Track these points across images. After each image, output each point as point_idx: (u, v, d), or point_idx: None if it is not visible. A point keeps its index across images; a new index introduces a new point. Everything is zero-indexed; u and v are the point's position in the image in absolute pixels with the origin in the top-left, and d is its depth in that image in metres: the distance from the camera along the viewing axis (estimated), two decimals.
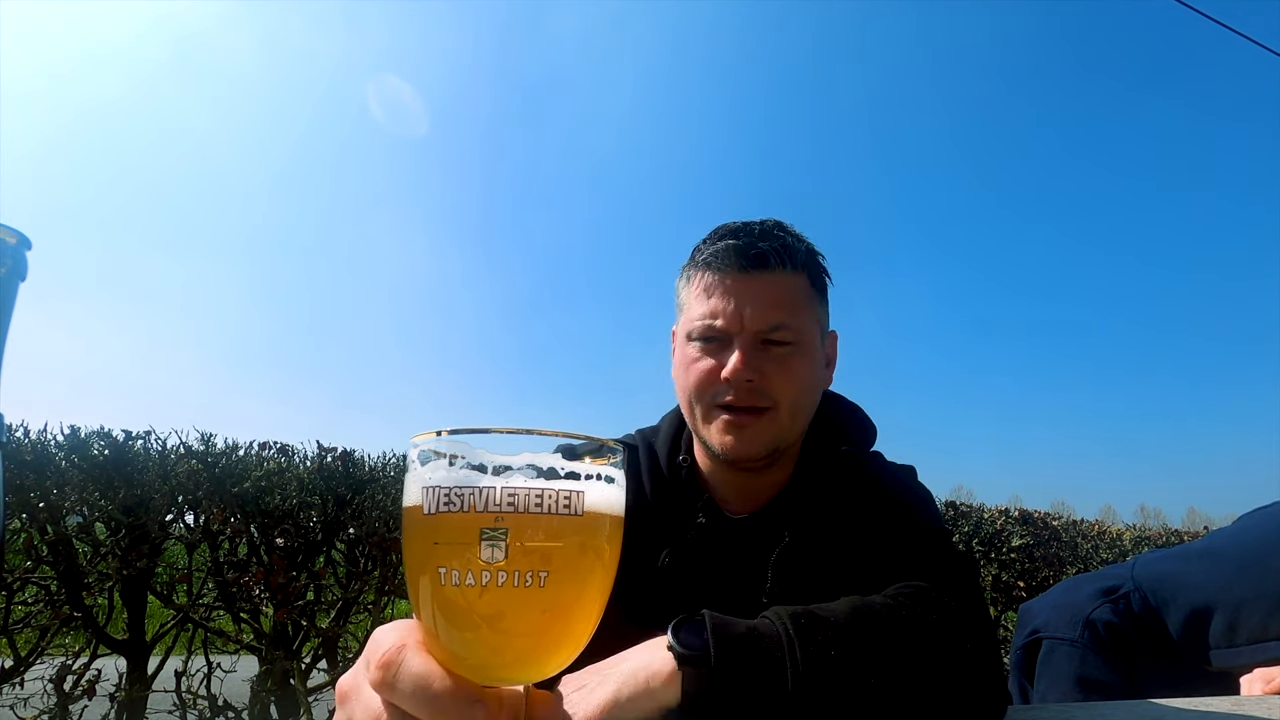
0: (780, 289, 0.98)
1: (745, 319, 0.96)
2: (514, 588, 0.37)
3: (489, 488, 0.37)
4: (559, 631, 0.40)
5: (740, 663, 0.66)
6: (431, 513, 0.38)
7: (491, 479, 0.37)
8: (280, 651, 2.95)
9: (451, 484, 0.37)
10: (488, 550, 0.37)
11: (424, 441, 0.40)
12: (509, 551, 0.37)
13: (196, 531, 3.07)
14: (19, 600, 2.82)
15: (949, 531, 1.01)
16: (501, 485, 0.37)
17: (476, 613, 0.38)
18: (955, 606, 0.79)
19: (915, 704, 0.69)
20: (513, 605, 0.37)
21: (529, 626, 0.38)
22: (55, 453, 2.88)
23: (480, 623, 0.38)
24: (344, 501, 3.21)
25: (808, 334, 0.99)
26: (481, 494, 0.37)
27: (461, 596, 0.37)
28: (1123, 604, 1.19)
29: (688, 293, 1.03)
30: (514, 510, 0.37)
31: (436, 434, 0.39)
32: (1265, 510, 1.22)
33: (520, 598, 0.37)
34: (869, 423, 1.11)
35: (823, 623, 0.71)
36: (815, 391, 1.02)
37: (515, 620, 0.38)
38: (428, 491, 0.38)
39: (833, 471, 1.01)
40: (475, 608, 0.37)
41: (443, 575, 0.37)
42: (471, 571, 0.37)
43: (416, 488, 0.39)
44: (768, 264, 0.97)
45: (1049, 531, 4.58)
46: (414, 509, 0.39)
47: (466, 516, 0.37)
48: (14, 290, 0.52)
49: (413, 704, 0.40)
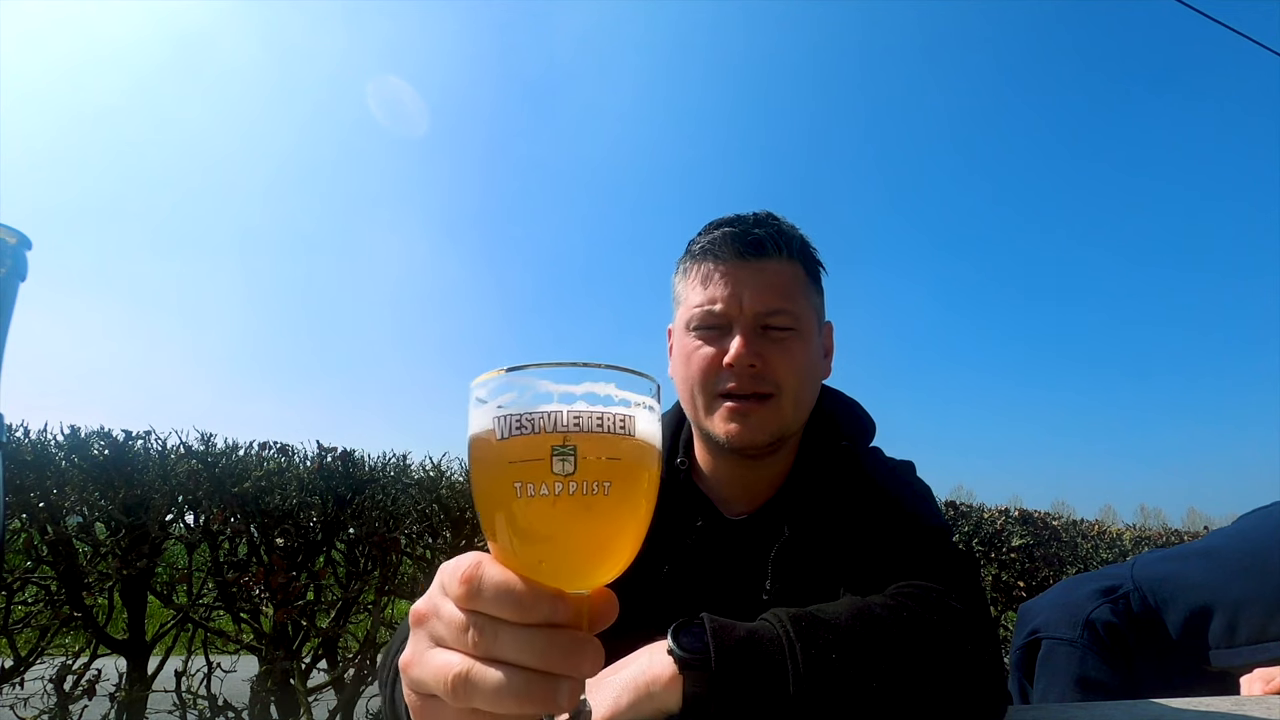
0: (777, 275, 0.98)
1: (744, 304, 0.96)
2: (582, 496, 0.42)
3: (556, 411, 0.42)
4: (617, 538, 0.45)
5: (741, 666, 0.66)
6: (504, 437, 0.43)
7: (558, 404, 0.43)
8: (280, 651, 2.95)
9: (522, 410, 0.42)
10: (559, 464, 0.42)
11: (490, 379, 0.44)
12: (577, 466, 0.42)
13: (196, 531, 3.07)
14: (19, 600, 2.82)
15: (949, 528, 1.00)
16: (567, 409, 0.42)
17: (551, 519, 0.43)
18: (956, 607, 0.79)
19: (916, 705, 0.69)
20: (581, 511, 0.43)
21: (594, 532, 0.44)
22: (55, 453, 2.88)
23: (554, 528, 0.43)
24: (344, 501, 3.21)
25: (806, 320, 0.99)
26: (550, 417, 0.42)
27: (537, 506, 0.42)
28: (1122, 604, 1.19)
29: (685, 285, 1.03)
30: (579, 430, 0.42)
31: (502, 371, 0.44)
32: (1265, 510, 1.22)
33: (587, 505, 0.43)
34: (867, 418, 1.11)
35: (824, 625, 0.71)
36: (815, 379, 1.02)
37: (583, 525, 0.43)
38: (500, 419, 0.43)
39: (831, 467, 1.01)
40: (550, 515, 0.42)
41: (518, 489, 0.42)
42: (545, 484, 0.42)
43: (486, 417, 0.44)
44: (764, 250, 0.97)
45: (1049, 531, 4.58)
46: (485, 436, 0.44)
47: (538, 437, 0.42)
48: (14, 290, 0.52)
49: (498, 606, 0.43)
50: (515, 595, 0.43)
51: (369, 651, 3.14)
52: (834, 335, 1.10)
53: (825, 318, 1.08)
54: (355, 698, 3.08)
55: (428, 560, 3.50)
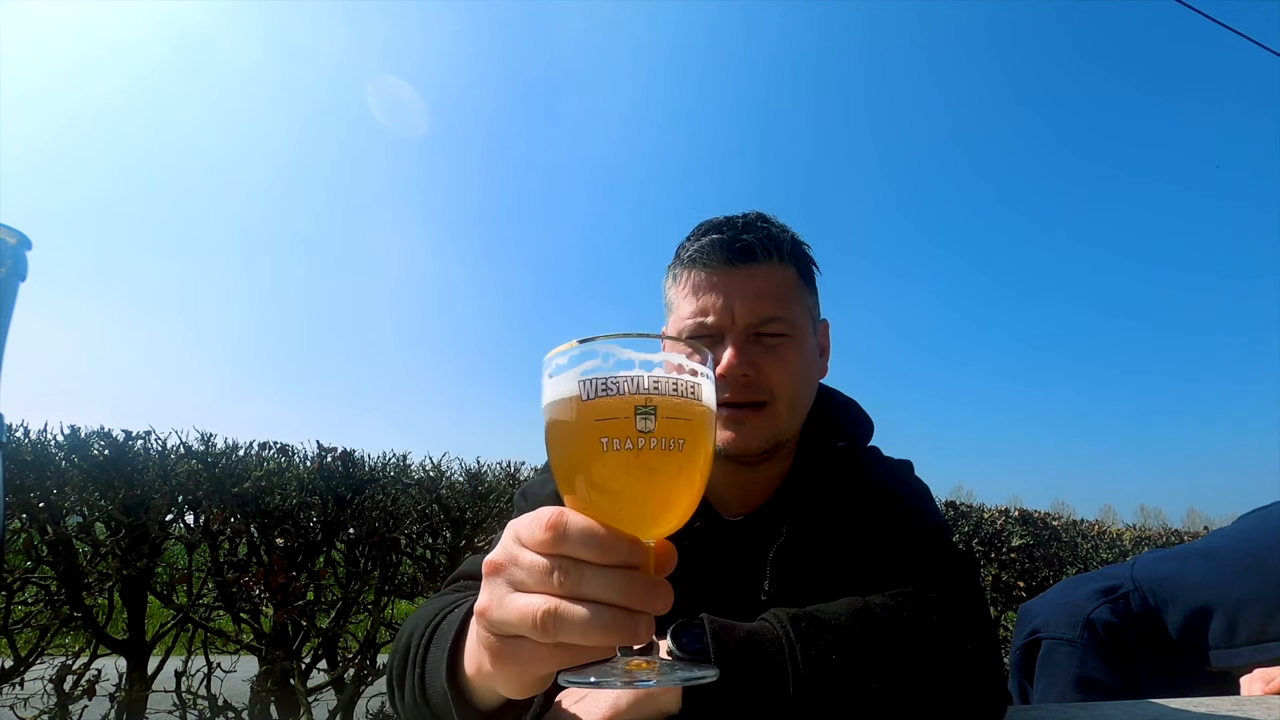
0: (769, 281, 0.96)
1: (736, 313, 0.94)
2: (662, 450, 0.48)
3: (639, 375, 0.49)
4: (684, 492, 0.52)
5: (741, 667, 0.66)
6: (590, 398, 0.49)
7: (640, 370, 0.49)
8: (280, 651, 2.94)
9: (607, 374, 0.49)
10: (641, 422, 0.48)
11: (570, 349, 0.51)
12: (657, 424, 0.48)
13: (196, 531, 3.06)
14: (19, 600, 2.82)
15: (948, 527, 1.00)
16: (648, 374, 0.49)
17: (631, 471, 0.49)
18: (956, 607, 0.79)
19: (916, 705, 0.69)
20: (660, 464, 0.49)
21: (666, 485, 0.50)
22: (55, 453, 2.88)
23: (634, 479, 0.49)
24: (344, 501, 3.21)
25: (800, 324, 0.98)
26: (634, 380, 0.49)
27: (620, 459, 0.48)
28: (1122, 604, 1.19)
29: (675, 292, 1.01)
30: (658, 393, 0.49)
31: (579, 342, 0.50)
32: (1265, 510, 1.22)
33: (665, 458, 0.49)
34: (865, 417, 1.11)
35: (824, 625, 0.71)
36: (811, 382, 1.01)
37: (658, 478, 0.49)
38: (585, 382, 0.49)
39: (829, 467, 1.01)
40: (631, 467, 0.48)
41: (604, 444, 0.48)
42: (630, 438, 0.48)
43: (571, 382, 0.50)
44: (754, 256, 0.95)
45: (1049, 531, 4.58)
46: (570, 399, 0.50)
47: (623, 398, 0.48)
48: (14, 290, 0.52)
49: (584, 549, 0.48)
50: (599, 539, 0.48)
51: (369, 651, 3.14)
52: (830, 333, 1.09)
53: (820, 316, 1.06)
54: (355, 698, 3.08)
55: (428, 560, 3.50)
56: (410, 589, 3.36)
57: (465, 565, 0.96)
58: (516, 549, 0.52)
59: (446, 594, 0.88)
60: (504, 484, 3.71)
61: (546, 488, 1.01)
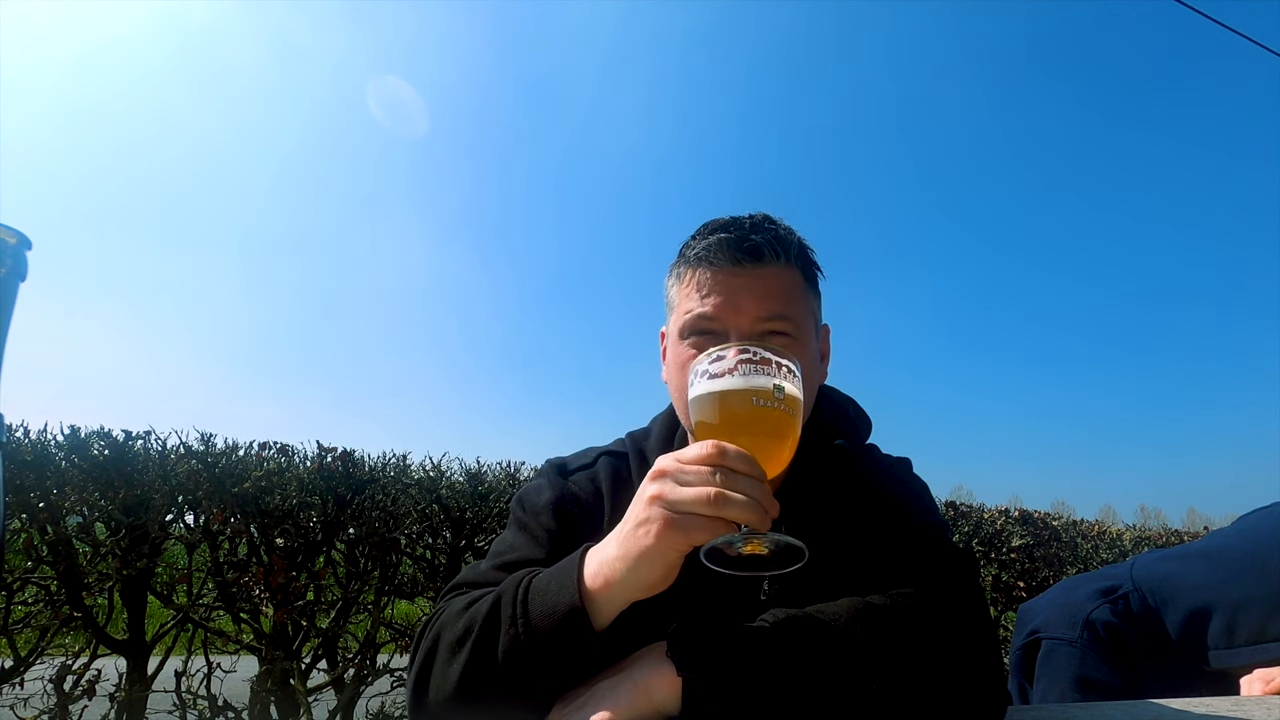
0: (775, 281, 0.95)
1: (741, 312, 0.93)
2: (787, 413, 0.74)
3: (777, 362, 0.75)
4: (789, 446, 0.76)
5: (740, 668, 0.66)
6: (751, 371, 0.74)
7: (775, 367, 0.75)
8: (280, 651, 2.95)
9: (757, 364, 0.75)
10: (778, 393, 0.74)
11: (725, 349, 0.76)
12: (786, 395, 0.74)
13: (196, 532, 3.07)
14: (19, 600, 2.82)
15: (946, 525, 1.00)
16: (778, 363, 0.75)
17: (770, 422, 0.74)
18: (956, 607, 0.79)
19: (916, 706, 0.69)
20: (782, 420, 0.74)
21: (782, 436, 0.75)
22: (55, 453, 2.88)
23: (770, 428, 0.74)
24: (344, 501, 3.21)
25: (804, 327, 0.96)
26: (774, 365, 0.75)
27: (764, 413, 0.73)
28: (1121, 604, 1.19)
29: (679, 291, 0.99)
30: (784, 376, 0.75)
31: (733, 345, 0.77)
32: (1264, 511, 1.22)
33: (785, 418, 0.74)
34: (863, 416, 1.10)
35: (823, 626, 0.71)
36: (812, 383, 1.00)
37: (780, 430, 0.75)
38: (741, 364, 0.74)
39: (828, 467, 1.00)
40: (769, 418, 0.73)
41: (754, 399, 0.73)
42: (771, 399, 0.73)
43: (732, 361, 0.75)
44: (761, 257, 0.94)
45: (1049, 531, 4.58)
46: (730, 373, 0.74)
47: (769, 377, 0.74)
48: (14, 290, 0.52)
49: (740, 462, 0.69)
50: (748, 458, 0.69)
51: (369, 651, 3.14)
52: (831, 338, 1.09)
53: (822, 321, 1.06)
54: (355, 698, 3.08)
55: (428, 560, 3.50)
56: (410, 589, 3.36)
57: (464, 574, 0.94)
58: (678, 463, 0.70)
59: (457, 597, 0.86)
60: (504, 484, 3.71)
61: (542, 496, 0.99)
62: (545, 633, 0.71)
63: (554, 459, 1.08)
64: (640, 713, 0.65)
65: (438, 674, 0.77)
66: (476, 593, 0.81)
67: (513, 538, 0.97)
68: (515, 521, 1.00)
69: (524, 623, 0.72)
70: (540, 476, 1.06)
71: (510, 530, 1.00)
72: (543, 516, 0.96)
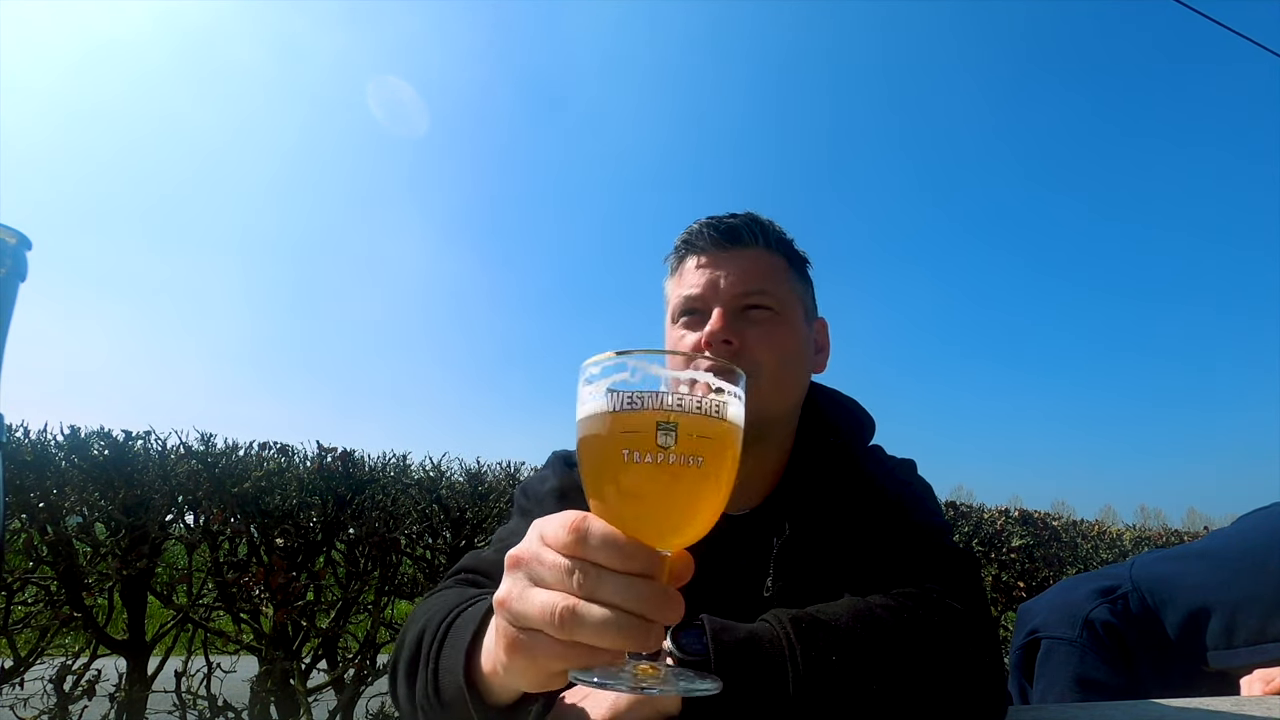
0: (757, 261, 1.00)
1: (722, 288, 0.97)
2: (680, 466, 0.50)
3: (663, 393, 0.50)
4: (702, 505, 0.53)
5: (741, 668, 0.66)
6: (618, 410, 0.51)
7: (664, 387, 0.51)
8: (280, 652, 2.94)
9: (634, 388, 0.51)
10: (662, 437, 0.50)
11: (604, 360, 0.52)
12: (677, 440, 0.50)
13: (196, 532, 3.07)
14: (19, 600, 2.82)
15: (949, 527, 1.00)
16: (671, 392, 0.51)
17: (653, 482, 0.50)
18: (956, 607, 0.79)
19: (916, 706, 0.69)
20: (677, 479, 0.50)
21: (683, 497, 0.52)
22: (55, 453, 2.88)
23: (652, 491, 0.51)
24: (344, 501, 3.21)
25: (788, 305, 1.00)
26: (657, 397, 0.50)
27: (640, 470, 0.50)
28: (1121, 604, 1.19)
29: (671, 283, 1.05)
30: (681, 410, 0.50)
31: (615, 354, 0.52)
32: (1264, 511, 1.22)
33: (683, 473, 0.50)
34: (865, 415, 1.11)
35: (824, 627, 0.71)
36: (800, 365, 1.01)
37: (677, 490, 0.51)
38: (612, 395, 0.51)
39: (825, 462, 1.01)
40: (650, 478, 0.50)
41: (626, 455, 0.50)
42: (650, 452, 0.50)
43: (601, 391, 0.52)
44: (740, 238, 1.00)
45: (1049, 531, 4.58)
46: (599, 408, 0.52)
47: (646, 413, 0.50)
48: (14, 290, 0.52)
49: (603, 554, 0.50)
50: (619, 546, 0.50)
51: (369, 651, 3.14)
52: (829, 332, 1.09)
53: (816, 313, 1.08)
54: (355, 698, 3.08)
55: (428, 560, 3.50)
56: (410, 589, 3.36)
57: (466, 559, 0.96)
58: (540, 547, 0.54)
59: (448, 589, 0.89)
60: (504, 484, 3.71)
61: (546, 484, 1.02)
62: (450, 698, 0.67)
63: (560, 450, 1.10)
64: (640, 712, 0.65)
65: (397, 689, 0.79)
66: (460, 595, 0.80)
67: (516, 524, 1.01)
68: (519, 509, 1.04)
69: (433, 684, 0.70)
70: (545, 467, 1.08)
71: (514, 517, 1.04)
72: (546, 504, 0.99)
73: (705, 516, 0.54)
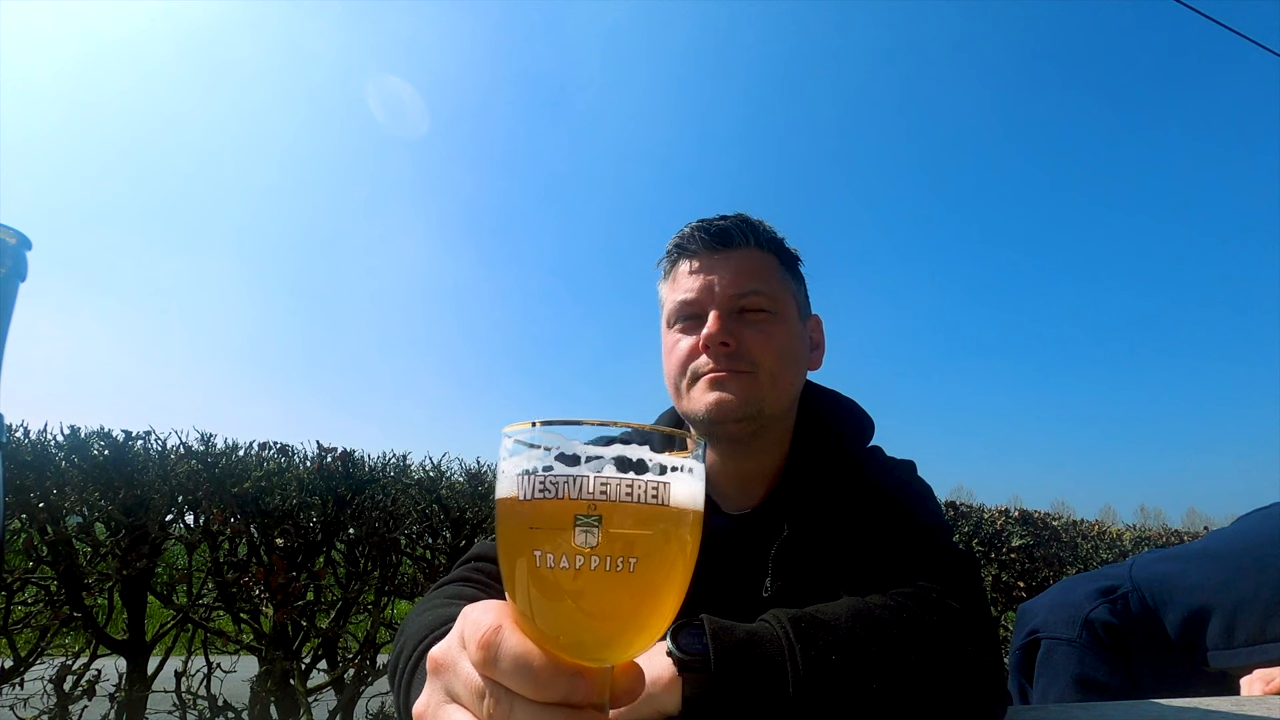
0: (749, 261, 1.01)
1: (717, 290, 0.99)
2: (605, 572, 0.39)
3: (583, 477, 0.39)
4: (646, 615, 0.42)
5: (741, 668, 0.66)
6: (528, 498, 0.40)
7: (585, 468, 0.39)
8: (280, 652, 2.94)
9: (547, 472, 0.40)
10: (581, 536, 0.39)
11: (518, 432, 0.41)
12: (601, 538, 0.39)
13: (196, 532, 3.06)
14: (19, 600, 2.82)
15: (949, 527, 1.00)
16: (595, 475, 0.39)
17: (570, 594, 0.40)
18: (955, 607, 0.79)
19: (916, 706, 0.69)
20: (604, 588, 0.39)
21: (618, 609, 0.41)
22: (55, 453, 2.88)
23: (573, 604, 0.40)
24: (344, 502, 3.21)
25: (783, 304, 1.01)
26: (576, 482, 0.39)
27: (556, 579, 0.39)
28: (1120, 604, 1.19)
29: (665, 287, 1.06)
30: (606, 499, 0.39)
31: (531, 425, 0.41)
32: (1264, 511, 1.22)
33: (611, 581, 0.39)
34: (864, 416, 1.11)
35: (823, 626, 0.70)
36: (797, 362, 1.02)
37: (606, 603, 0.40)
38: (524, 479, 0.40)
39: (824, 461, 1.01)
40: (569, 590, 0.39)
41: (538, 558, 0.39)
42: (566, 555, 0.39)
43: (512, 475, 0.41)
44: (731, 239, 1.01)
45: (1049, 531, 4.58)
46: (509, 496, 0.41)
47: (562, 503, 0.39)
48: (14, 290, 0.52)
49: (514, 680, 0.42)
50: (532, 670, 0.41)
51: (369, 652, 3.14)
52: (823, 330, 1.10)
53: (810, 311, 1.09)
54: (355, 698, 3.08)
55: (428, 560, 3.49)
56: (410, 589, 3.36)
57: (476, 548, 0.97)
58: (458, 654, 0.47)
59: (451, 584, 0.89)
60: None
61: None
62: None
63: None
64: (639, 712, 0.65)
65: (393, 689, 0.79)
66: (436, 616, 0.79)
67: None
68: None
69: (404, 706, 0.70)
70: None
71: None
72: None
73: (650, 627, 0.43)
